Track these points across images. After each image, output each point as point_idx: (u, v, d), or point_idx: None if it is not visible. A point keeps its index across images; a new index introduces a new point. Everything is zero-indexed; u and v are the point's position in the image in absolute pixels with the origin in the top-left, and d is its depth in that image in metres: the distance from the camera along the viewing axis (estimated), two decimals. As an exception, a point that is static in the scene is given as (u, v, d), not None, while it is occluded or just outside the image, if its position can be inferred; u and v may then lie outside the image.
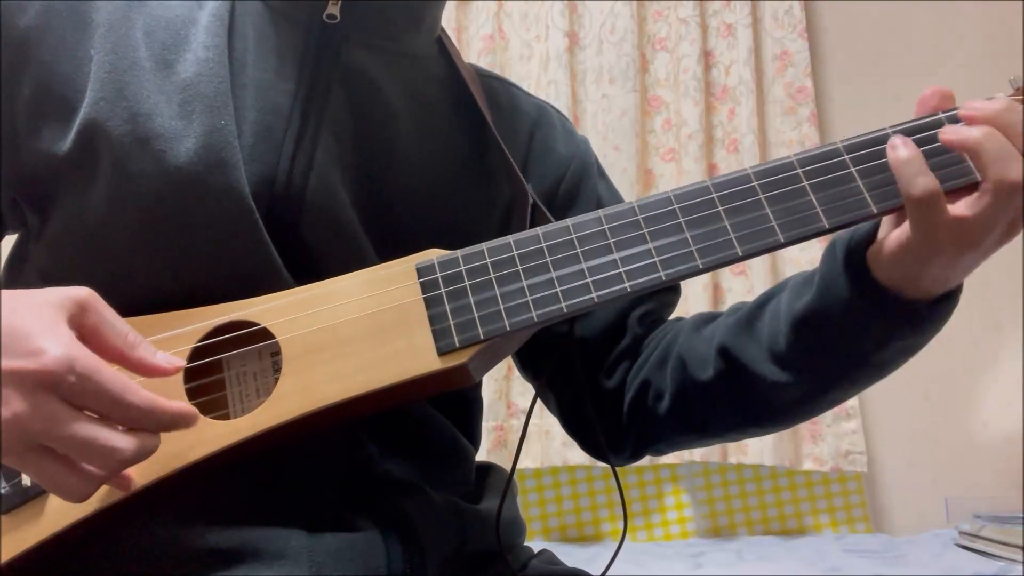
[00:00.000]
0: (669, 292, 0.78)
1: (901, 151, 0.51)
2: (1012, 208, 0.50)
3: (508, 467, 0.71)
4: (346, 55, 0.65)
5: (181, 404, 0.48)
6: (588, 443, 0.78)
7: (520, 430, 0.65)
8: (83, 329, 0.46)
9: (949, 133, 0.51)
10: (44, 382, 0.42)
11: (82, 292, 0.47)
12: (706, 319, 0.70)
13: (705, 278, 1.88)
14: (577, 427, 0.77)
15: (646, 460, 1.79)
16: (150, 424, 0.46)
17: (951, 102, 0.54)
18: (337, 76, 0.64)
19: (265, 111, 0.61)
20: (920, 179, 0.49)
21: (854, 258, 0.56)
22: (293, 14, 0.65)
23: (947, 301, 0.55)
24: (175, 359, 0.50)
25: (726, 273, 1.92)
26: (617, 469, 0.69)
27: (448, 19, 1.97)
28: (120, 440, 0.44)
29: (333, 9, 0.64)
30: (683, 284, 1.84)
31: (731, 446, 1.82)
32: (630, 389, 0.72)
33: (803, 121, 1.95)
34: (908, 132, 0.53)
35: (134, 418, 0.45)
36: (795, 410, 0.64)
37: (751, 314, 0.64)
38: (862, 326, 0.56)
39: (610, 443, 0.75)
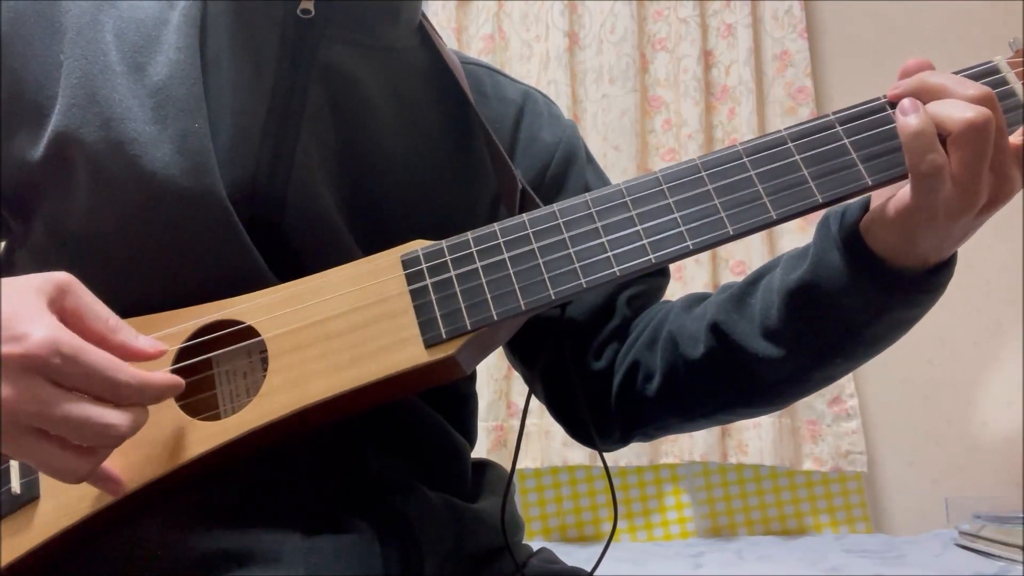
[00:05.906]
0: (658, 276, 0.77)
1: (913, 120, 0.49)
2: None
3: (508, 467, 0.70)
4: (323, 51, 0.63)
5: (166, 375, 0.48)
6: (575, 428, 0.77)
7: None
8: (64, 312, 0.46)
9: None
10: (30, 366, 0.43)
11: (61, 276, 0.47)
12: (697, 299, 0.69)
13: (706, 276, 1.87)
14: (565, 412, 0.76)
15: (646, 460, 1.79)
16: (141, 399, 0.47)
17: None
18: (315, 73, 0.63)
19: (241, 112, 0.60)
20: (930, 156, 0.48)
21: (848, 228, 0.55)
22: (267, 11, 0.63)
23: (942, 271, 0.54)
24: (158, 343, 0.50)
25: (726, 272, 1.92)
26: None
27: (448, 19, 1.97)
28: (113, 416, 0.45)
29: (307, 4, 0.62)
30: (686, 282, 1.86)
31: (731, 446, 1.82)
32: (619, 371, 0.71)
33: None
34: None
35: (124, 395, 0.45)
36: (785, 388, 0.63)
37: (743, 290, 0.63)
38: (855, 296, 0.55)
39: (598, 427, 0.73)
